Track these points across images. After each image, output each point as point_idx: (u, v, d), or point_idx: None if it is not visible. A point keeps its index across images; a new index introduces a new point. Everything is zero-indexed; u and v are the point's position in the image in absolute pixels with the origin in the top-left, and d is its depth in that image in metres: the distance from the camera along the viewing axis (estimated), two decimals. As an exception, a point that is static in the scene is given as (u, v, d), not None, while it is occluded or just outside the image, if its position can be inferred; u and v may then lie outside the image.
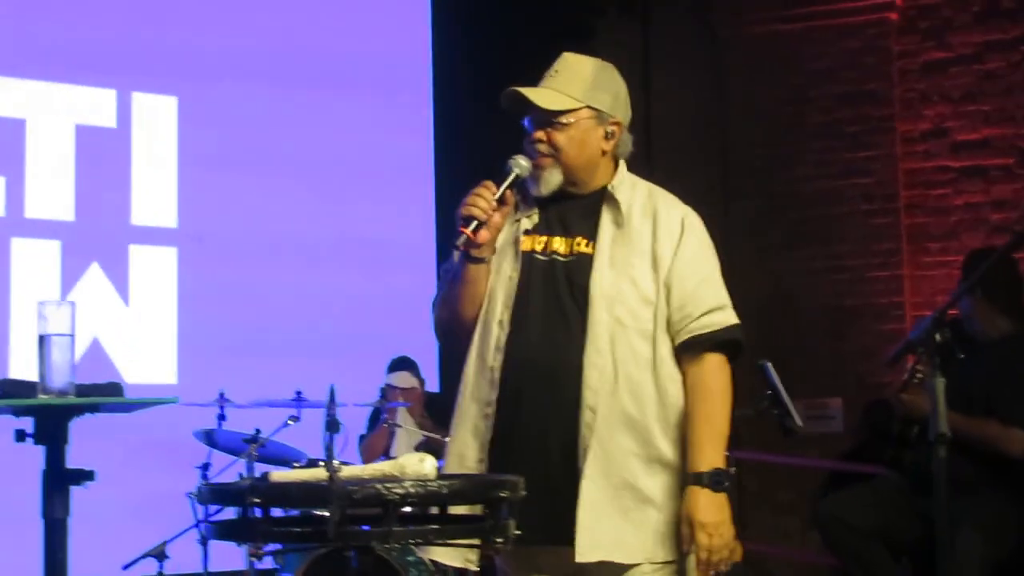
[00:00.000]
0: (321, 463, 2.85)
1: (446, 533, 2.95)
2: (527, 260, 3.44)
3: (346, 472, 2.96)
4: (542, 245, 3.45)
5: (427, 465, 2.97)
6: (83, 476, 2.67)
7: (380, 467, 3.03)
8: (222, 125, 7.50)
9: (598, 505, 3.30)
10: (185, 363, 7.26)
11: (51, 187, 7.09)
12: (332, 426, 2.93)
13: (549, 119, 3.41)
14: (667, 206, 3.47)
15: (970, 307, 5.16)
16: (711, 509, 3.30)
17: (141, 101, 7.38)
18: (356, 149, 7.88)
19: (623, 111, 3.52)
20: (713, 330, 3.37)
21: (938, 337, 3.87)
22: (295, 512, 3.73)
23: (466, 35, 8.44)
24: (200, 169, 7.42)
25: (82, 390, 2.63)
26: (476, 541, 3.09)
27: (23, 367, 3.08)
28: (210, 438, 6.45)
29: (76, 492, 3.21)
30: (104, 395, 2.69)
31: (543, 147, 3.42)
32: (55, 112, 7.13)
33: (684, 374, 3.39)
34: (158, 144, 7.39)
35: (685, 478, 3.34)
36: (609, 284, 3.35)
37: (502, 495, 2.91)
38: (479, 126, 8.06)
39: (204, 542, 6.19)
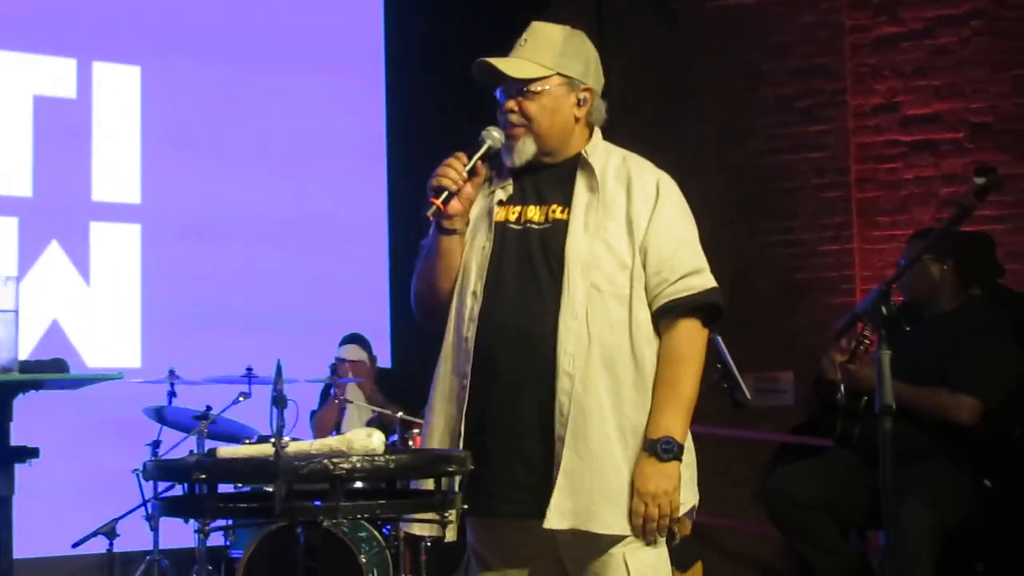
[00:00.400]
0: (271, 439, 2.84)
1: (393, 508, 2.94)
2: (500, 230, 3.41)
3: (293, 447, 2.95)
4: (516, 215, 3.43)
5: (375, 440, 2.96)
6: (27, 453, 2.65)
7: (327, 442, 3.02)
8: (185, 97, 7.38)
9: (574, 473, 3.25)
10: (149, 344, 7.18)
11: (8, 161, 6.93)
12: (279, 401, 2.92)
13: (520, 89, 3.39)
14: (641, 171, 3.47)
15: (932, 277, 5.17)
16: (654, 478, 3.26)
17: (102, 71, 7.21)
18: (312, 126, 7.82)
19: (594, 77, 3.49)
20: (689, 294, 3.34)
21: (884, 310, 3.88)
22: (247, 489, 3.72)
23: (419, 11, 8.40)
24: (164, 143, 7.30)
25: (26, 367, 2.60)
26: (429, 515, 3.07)
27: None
28: (160, 415, 6.43)
29: (27, 471, 3.18)
30: (48, 371, 2.66)
31: (515, 117, 3.40)
32: (12, 82, 6.95)
33: (660, 339, 3.35)
34: (120, 116, 7.22)
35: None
36: (584, 249, 3.33)
37: (450, 469, 2.91)
38: (432, 103, 8.05)
39: (151, 519, 6.18)
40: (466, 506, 2.97)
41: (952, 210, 4.22)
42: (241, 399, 6.20)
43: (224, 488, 3.14)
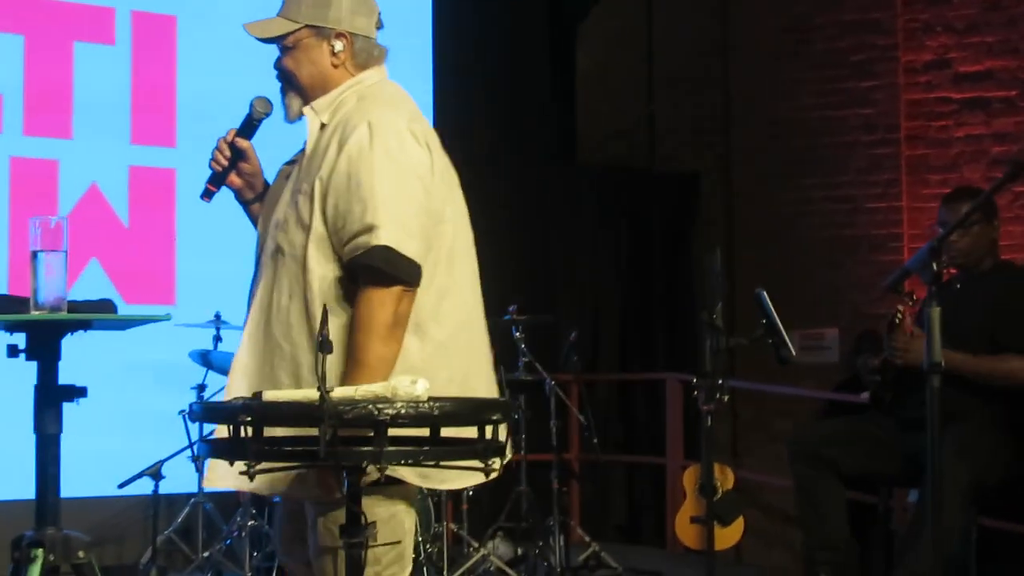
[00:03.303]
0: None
1: (437, 455, 2.95)
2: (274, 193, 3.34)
3: (338, 393, 2.96)
4: (286, 176, 3.33)
5: (419, 387, 2.97)
6: (75, 392, 2.68)
7: (372, 388, 3.03)
8: (221, 44, 7.42)
9: None
10: (185, 285, 7.24)
11: (50, 106, 7.05)
12: (324, 346, 2.92)
13: (278, 47, 3.30)
14: (357, 119, 3.16)
15: (977, 237, 5.12)
16: None
17: (141, 19, 7.32)
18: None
19: (348, 20, 3.28)
20: (355, 256, 3.08)
21: (935, 266, 3.85)
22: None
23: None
24: (200, 89, 7.37)
25: (74, 307, 2.62)
26: (472, 463, 3.07)
27: (23, 287, 3.06)
28: (206, 359, 6.48)
29: (74, 410, 3.22)
30: (96, 312, 2.69)
31: (278, 76, 3.32)
32: (54, 30, 7.07)
33: None
34: (158, 63, 7.34)
35: None
36: (280, 210, 3.21)
37: (494, 417, 2.91)
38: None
39: (196, 461, 6.24)
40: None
41: (1005, 168, 4.17)
42: (286, 345, 6.22)
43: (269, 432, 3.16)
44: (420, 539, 5.91)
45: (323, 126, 3.21)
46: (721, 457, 6.79)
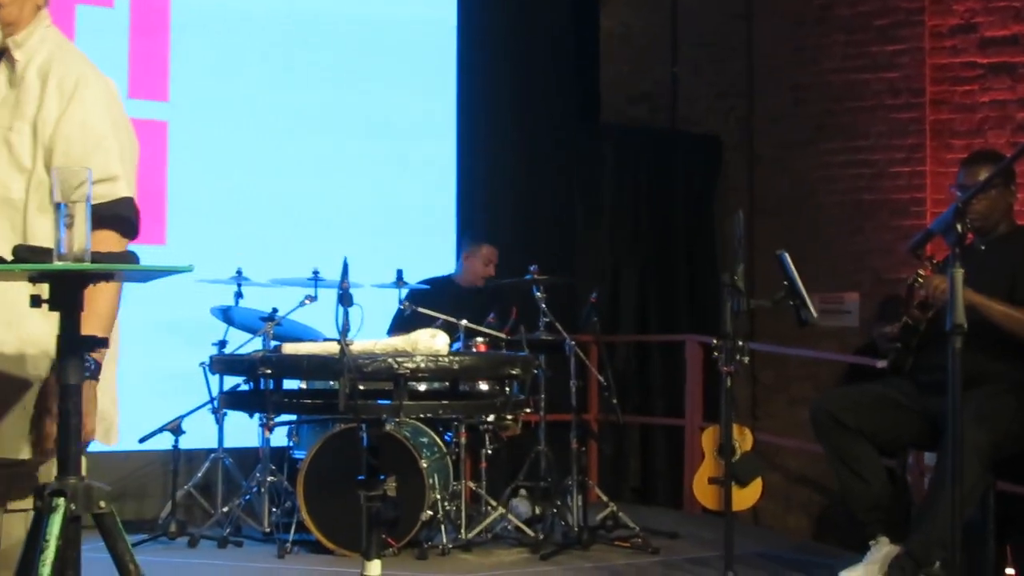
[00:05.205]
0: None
1: (456, 408, 2.96)
2: None
3: (358, 346, 2.97)
4: None
5: (439, 341, 2.98)
6: (96, 343, 2.67)
7: (392, 342, 3.04)
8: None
9: None
10: (175, 236, 7.28)
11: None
12: (345, 299, 2.93)
13: None
14: (67, 64, 3.06)
15: (997, 201, 5.10)
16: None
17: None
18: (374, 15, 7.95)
19: None
20: (105, 202, 2.94)
21: (959, 227, 3.84)
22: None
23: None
24: (194, 43, 7.43)
25: (97, 257, 2.62)
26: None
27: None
28: (227, 315, 6.50)
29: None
30: (119, 262, 2.68)
31: None
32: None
33: None
34: (153, 21, 7.40)
35: None
36: None
37: (513, 372, 2.92)
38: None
39: (215, 412, 6.27)
40: None
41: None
42: (307, 302, 6.24)
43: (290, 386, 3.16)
44: (439, 497, 5.94)
45: (13, 63, 3.07)
46: (740, 419, 6.77)
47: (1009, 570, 5.42)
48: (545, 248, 8.11)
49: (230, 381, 5.50)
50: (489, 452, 6.34)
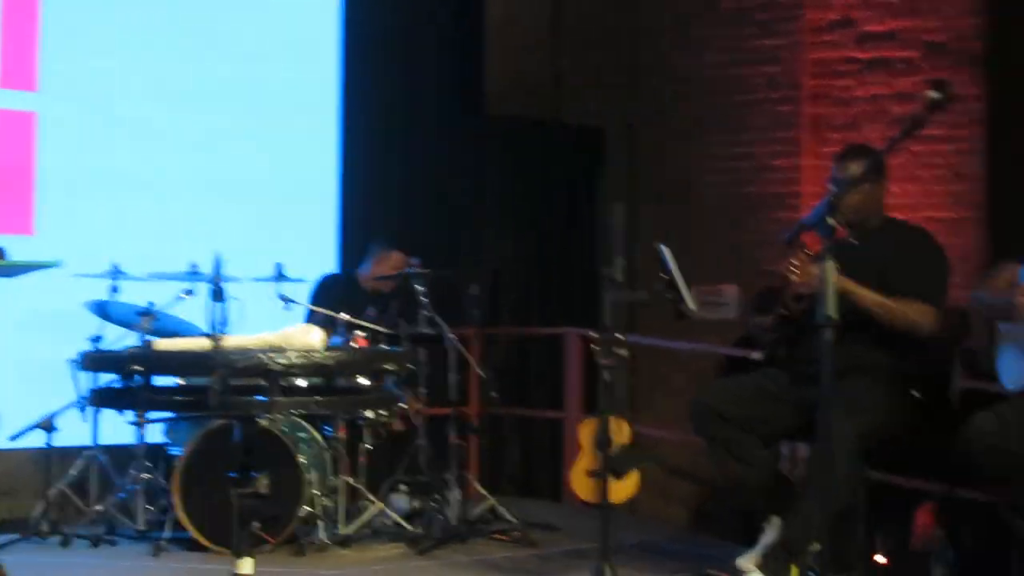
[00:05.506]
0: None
1: (329, 404, 2.93)
2: None
3: (232, 342, 2.93)
4: None
5: (314, 336, 2.95)
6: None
7: (266, 337, 3.01)
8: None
9: None
10: (46, 226, 7.13)
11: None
12: (217, 295, 2.89)
13: None
14: None
15: (869, 193, 5.17)
16: None
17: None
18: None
19: None
20: None
21: (831, 221, 3.88)
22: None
23: None
24: (64, 28, 7.28)
25: (-42, 252, 2.55)
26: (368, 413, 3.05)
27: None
28: (103, 310, 6.37)
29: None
30: (-19, 257, 2.61)
31: None
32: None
33: None
34: (20, 8, 7.25)
35: None
36: None
37: (388, 367, 2.90)
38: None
39: (84, 409, 6.13)
40: None
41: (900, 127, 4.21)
42: (184, 296, 6.13)
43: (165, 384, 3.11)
44: (316, 492, 5.88)
45: None
46: (619, 412, 6.80)
47: (879, 558, 5.50)
48: (432, 241, 8.09)
49: (105, 376, 5.41)
50: (368, 447, 6.29)
